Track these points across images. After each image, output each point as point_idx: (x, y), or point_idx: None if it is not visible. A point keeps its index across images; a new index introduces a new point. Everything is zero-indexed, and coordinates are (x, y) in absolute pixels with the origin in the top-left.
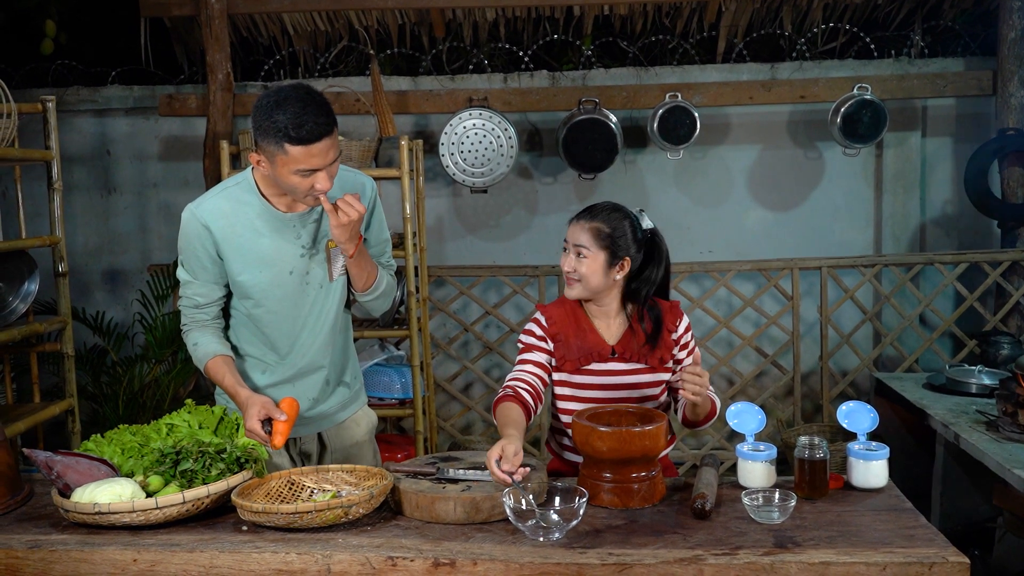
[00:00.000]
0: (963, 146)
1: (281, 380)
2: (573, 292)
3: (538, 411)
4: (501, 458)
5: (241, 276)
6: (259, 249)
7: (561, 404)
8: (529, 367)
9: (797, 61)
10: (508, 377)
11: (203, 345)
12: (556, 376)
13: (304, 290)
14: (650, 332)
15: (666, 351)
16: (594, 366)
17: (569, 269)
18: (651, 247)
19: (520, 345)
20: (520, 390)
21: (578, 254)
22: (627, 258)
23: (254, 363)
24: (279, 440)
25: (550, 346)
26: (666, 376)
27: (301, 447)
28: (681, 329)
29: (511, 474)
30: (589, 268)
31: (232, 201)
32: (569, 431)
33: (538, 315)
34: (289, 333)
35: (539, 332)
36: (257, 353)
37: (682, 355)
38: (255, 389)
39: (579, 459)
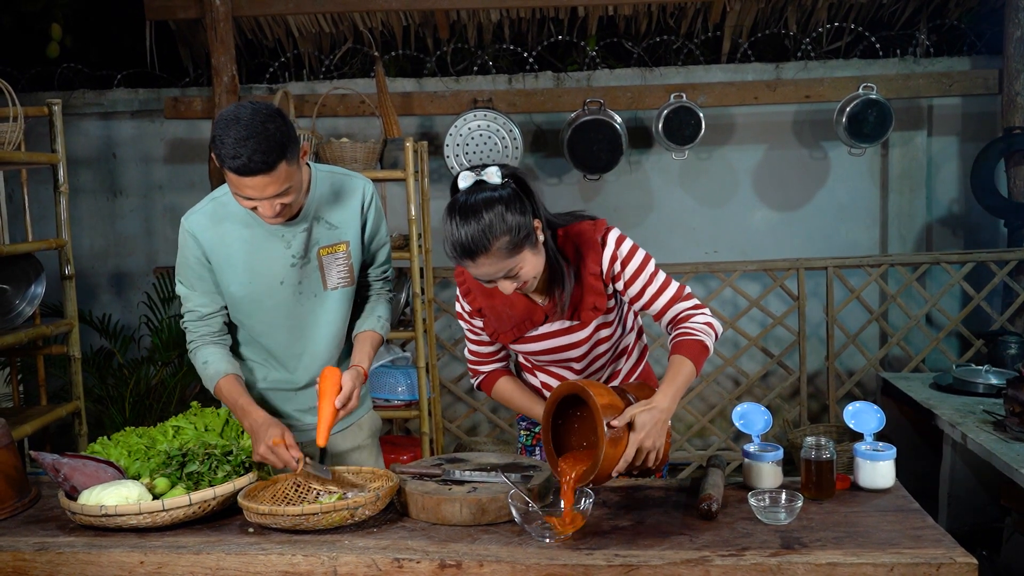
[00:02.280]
0: (969, 145)
1: (287, 388)
2: (527, 289)
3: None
4: None
5: (231, 287)
6: (247, 260)
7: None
8: (483, 348)
9: (802, 61)
10: (470, 358)
11: (213, 364)
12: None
13: (298, 300)
14: (569, 288)
15: (597, 296)
16: (530, 333)
17: (512, 290)
18: (522, 189)
19: (461, 323)
20: (498, 368)
21: (509, 275)
22: (535, 223)
23: (262, 378)
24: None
25: (480, 323)
26: (609, 317)
27: (303, 450)
28: (605, 265)
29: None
30: (527, 271)
31: (220, 210)
32: (527, 373)
33: (458, 291)
34: (287, 344)
35: (467, 311)
36: (262, 372)
37: (620, 286)
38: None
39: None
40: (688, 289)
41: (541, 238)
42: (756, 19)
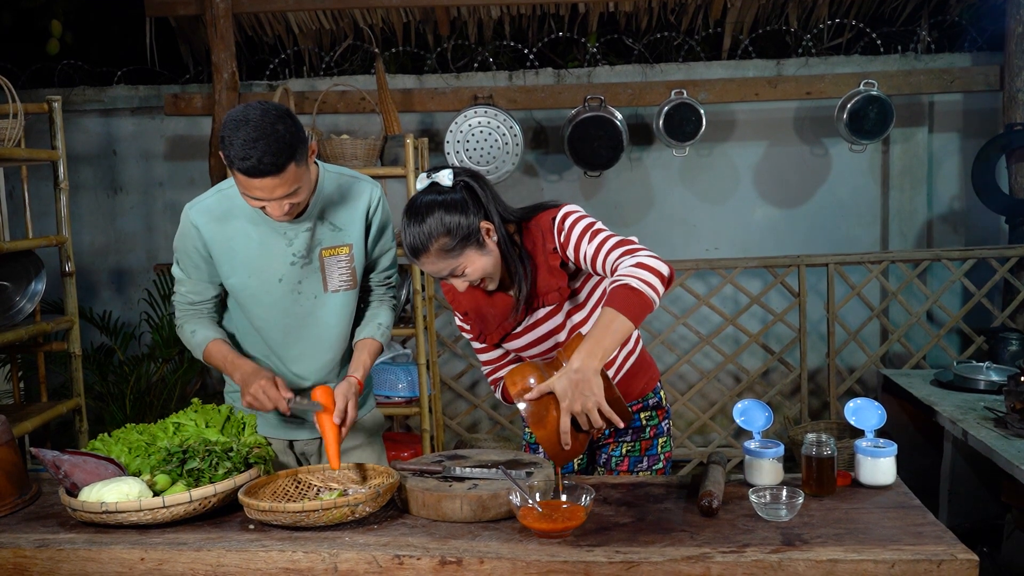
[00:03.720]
0: (970, 142)
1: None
2: (491, 287)
3: None
4: None
5: (229, 279)
6: (247, 254)
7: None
8: (493, 355)
9: (803, 57)
10: (486, 371)
11: (201, 331)
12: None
13: (296, 300)
14: (524, 282)
15: (559, 278)
16: (515, 329)
17: (465, 287)
18: (470, 193)
19: (466, 336)
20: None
21: (455, 275)
22: (480, 224)
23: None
24: (335, 461)
25: (470, 327)
26: (579, 299)
27: (304, 447)
28: (556, 240)
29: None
30: (475, 271)
31: (225, 203)
32: None
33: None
34: (284, 343)
35: (460, 318)
36: (263, 366)
37: (570, 254)
38: None
39: None
40: (634, 239)
41: (493, 238)
42: (757, 15)
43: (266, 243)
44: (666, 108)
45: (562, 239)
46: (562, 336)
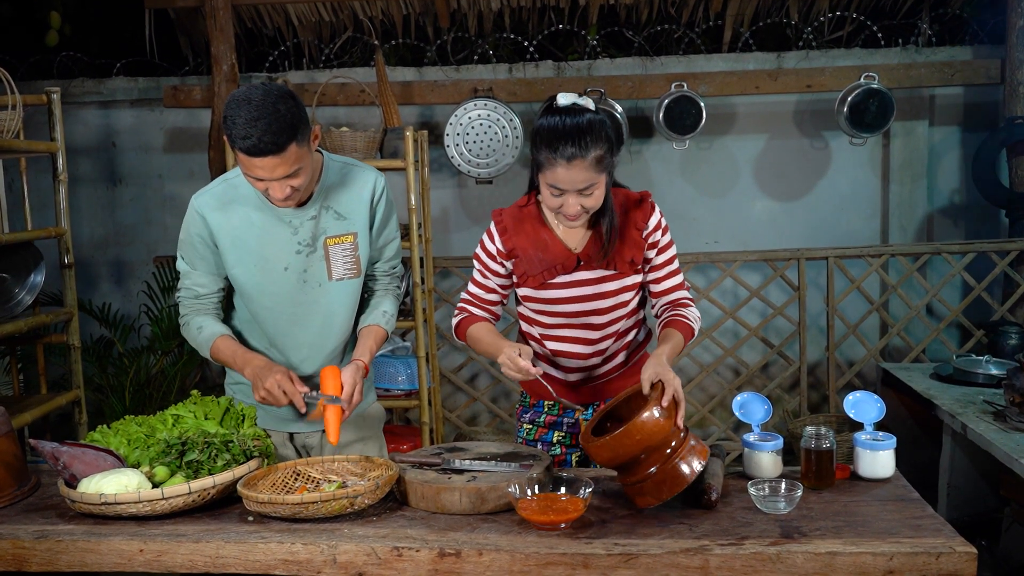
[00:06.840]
0: (971, 135)
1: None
2: (577, 223)
3: None
4: (520, 353)
5: (235, 269)
6: (253, 243)
7: (528, 316)
8: (483, 292)
9: (804, 50)
10: (464, 297)
11: (208, 327)
12: (520, 291)
13: (302, 288)
14: (615, 230)
15: (636, 251)
16: (559, 279)
17: (575, 212)
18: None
19: (476, 263)
20: (483, 316)
21: (584, 192)
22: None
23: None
24: (334, 436)
25: (507, 266)
26: (637, 279)
27: (304, 440)
28: (651, 225)
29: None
30: (596, 199)
31: (231, 191)
32: (534, 343)
33: (492, 228)
34: (288, 332)
35: (493, 250)
36: (266, 355)
37: (652, 254)
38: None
39: (553, 373)
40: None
41: (610, 177)
42: (757, 8)
43: (271, 231)
44: (666, 101)
45: (658, 235)
46: (606, 303)
